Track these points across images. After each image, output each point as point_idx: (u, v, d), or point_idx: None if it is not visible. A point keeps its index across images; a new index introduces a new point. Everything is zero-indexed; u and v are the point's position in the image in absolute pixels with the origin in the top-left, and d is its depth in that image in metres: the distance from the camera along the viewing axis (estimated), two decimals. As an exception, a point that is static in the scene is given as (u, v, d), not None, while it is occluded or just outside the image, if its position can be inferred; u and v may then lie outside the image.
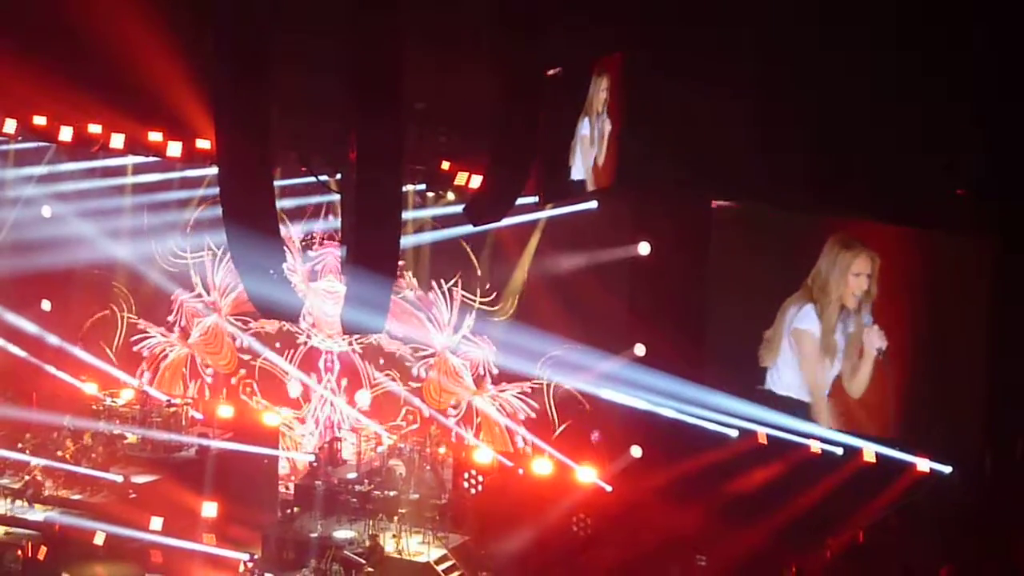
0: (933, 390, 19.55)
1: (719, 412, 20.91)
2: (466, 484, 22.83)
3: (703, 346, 21.07)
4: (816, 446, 20.41)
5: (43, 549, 21.27)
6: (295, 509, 22.57)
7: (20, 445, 23.51)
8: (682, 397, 21.16)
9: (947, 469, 19.70)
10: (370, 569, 20.88)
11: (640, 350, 22.06)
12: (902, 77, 18.80)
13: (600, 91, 19.97)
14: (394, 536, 21.46)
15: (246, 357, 25.49)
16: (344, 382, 24.78)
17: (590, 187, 20.53)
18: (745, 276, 20.68)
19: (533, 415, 23.30)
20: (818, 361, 20.24)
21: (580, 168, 20.19)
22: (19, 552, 21.16)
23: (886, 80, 18.89)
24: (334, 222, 23.85)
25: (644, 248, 21.87)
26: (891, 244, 19.74)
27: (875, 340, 19.79)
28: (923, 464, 19.80)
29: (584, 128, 19.92)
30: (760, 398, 20.66)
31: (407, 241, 23.06)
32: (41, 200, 25.28)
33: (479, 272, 23.53)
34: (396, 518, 21.73)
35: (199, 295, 25.52)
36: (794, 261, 20.37)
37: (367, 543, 21.26)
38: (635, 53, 20.31)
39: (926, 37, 18.46)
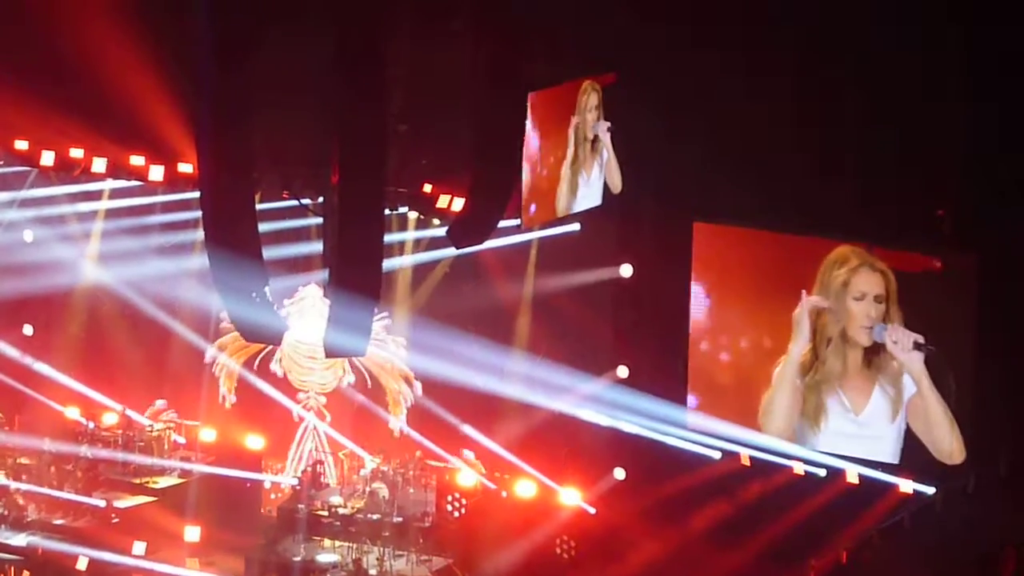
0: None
1: (702, 433, 20.92)
2: (449, 507, 22.79)
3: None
4: (799, 467, 20.42)
5: (26, 574, 21.20)
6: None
7: (2, 471, 23.48)
8: (666, 419, 21.17)
9: (930, 489, 19.71)
10: (353, 593, 20.89)
11: (623, 372, 22.09)
12: (885, 97, 18.90)
13: (592, 107, 20.15)
14: (377, 559, 21.42)
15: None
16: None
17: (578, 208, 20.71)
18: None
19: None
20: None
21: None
22: (1, 577, 21.15)
23: (868, 100, 18.98)
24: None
25: (626, 270, 21.93)
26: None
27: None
28: (906, 484, 19.81)
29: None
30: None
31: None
32: (23, 224, 25.19)
33: None
34: (379, 541, 21.70)
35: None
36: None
37: (350, 566, 21.23)
38: (619, 75, 20.49)
39: (910, 57, 18.58)
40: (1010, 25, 17.99)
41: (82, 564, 21.60)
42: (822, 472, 20.26)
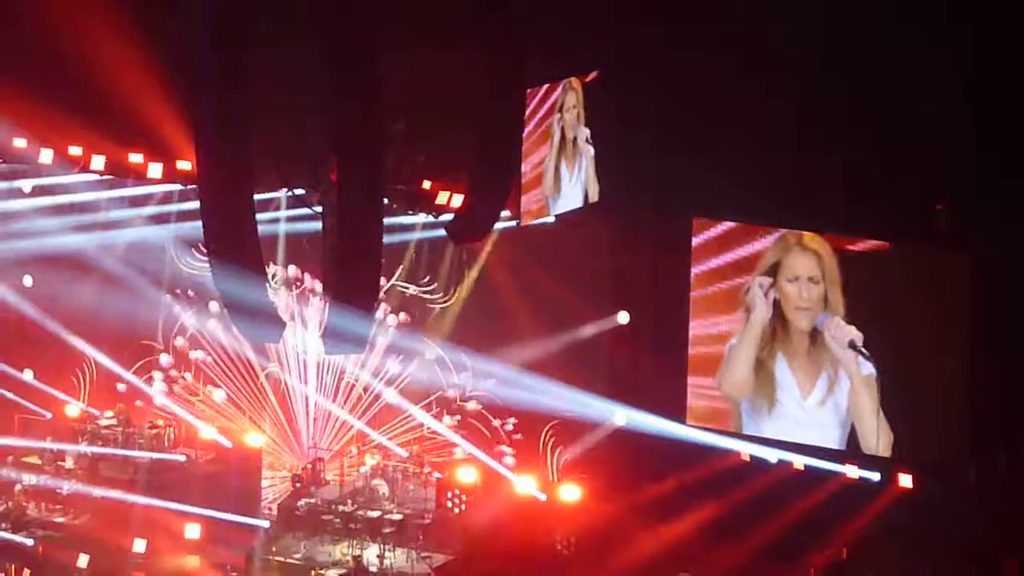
0: (915, 404, 19.60)
1: (702, 430, 20.96)
2: (450, 503, 22.80)
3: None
4: (799, 462, 20.42)
5: (26, 572, 21.22)
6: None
7: (4, 469, 23.50)
8: (665, 414, 21.19)
9: (931, 484, 19.72)
10: (354, 589, 20.92)
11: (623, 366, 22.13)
12: (879, 91, 18.91)
13: (570, 107, 20.21)
14: (378, 556, 21.44)
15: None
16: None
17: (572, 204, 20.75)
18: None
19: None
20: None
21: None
22: (2, 575, 21.10)
23: (864, 93, 19.00)
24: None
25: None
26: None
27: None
28: (906, 479, 19.82)
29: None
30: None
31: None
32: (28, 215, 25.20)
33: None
34: (380, 538, 21.71)
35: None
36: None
37: (350, 563, 21.24)
38: (610, 70, 20.52)
39: (900, 50, 18.59)
40: (1010, 24, 18.03)
41: (83, 562, 21.61)
42: (822, 467, 20.29)
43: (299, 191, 20.09)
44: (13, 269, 25.22)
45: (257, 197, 13.25)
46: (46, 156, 22.57)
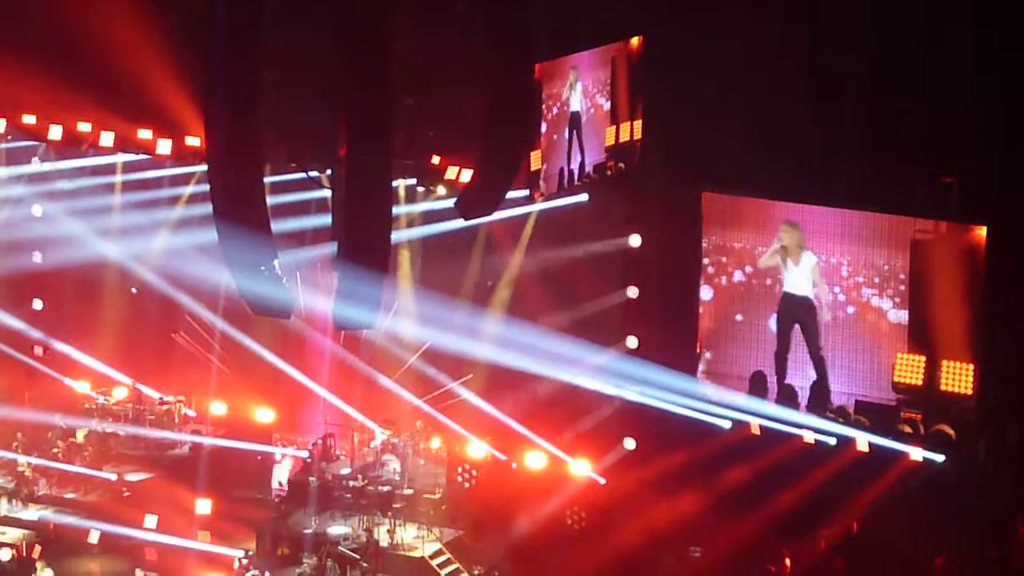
0: (925, 376, 19.66)
1: (712, 403, 20.97)
2: (460, 478, 22.83)
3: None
4: (809, 436, 20.43)
5: (37, 548, 21.27)
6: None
7: (14, 444, 23.53)
8: (675, 389, 21.19)
9: (940, 458, 19.72)
10: (365, 564, 20.88)
11: (632, 342, 22.12)
12: (889, 68, 18.90)
13: (578, 83, 20.22)
14: (388, 531, 21.45)
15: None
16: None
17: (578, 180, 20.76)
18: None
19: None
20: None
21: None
22: (14, 551, 21.13)
23: (874, 71, 18.99)
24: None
25: (635, 240, 21.95)
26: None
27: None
28: (916, 453, 19.82)
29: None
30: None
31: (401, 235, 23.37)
32: (32, 199, 25.26)
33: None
34: (390, 513, 21.74)
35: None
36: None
37: (362, 538, 21.26)
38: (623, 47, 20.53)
39: (911, 31, 18.60)
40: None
41: (94, 537, 21.67)
42: (832, 441, 20.30)
43: (313, 173, 20.16)
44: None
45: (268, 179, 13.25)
46: (55, 132, 22.60)
